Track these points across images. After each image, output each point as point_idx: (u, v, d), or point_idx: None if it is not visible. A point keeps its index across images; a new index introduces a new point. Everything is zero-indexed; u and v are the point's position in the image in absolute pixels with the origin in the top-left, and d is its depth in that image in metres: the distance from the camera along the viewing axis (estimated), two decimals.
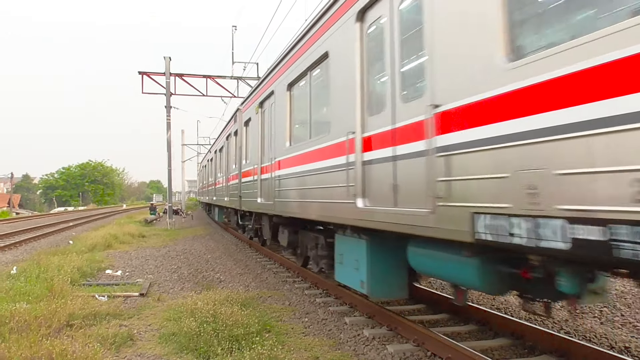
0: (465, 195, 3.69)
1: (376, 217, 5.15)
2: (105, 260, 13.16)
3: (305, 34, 7.82)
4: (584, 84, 2.72)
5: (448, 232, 3.87)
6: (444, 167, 3.91)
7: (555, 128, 2.90)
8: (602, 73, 2.61)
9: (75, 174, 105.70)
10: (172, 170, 27.00)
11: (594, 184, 2.65)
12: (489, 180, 3.45)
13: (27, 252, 16.06)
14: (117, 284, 9.67)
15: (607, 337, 5.94)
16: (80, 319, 6.55)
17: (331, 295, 8.43)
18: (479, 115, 3.56)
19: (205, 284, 9.74)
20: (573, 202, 2.77)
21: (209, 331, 5.83)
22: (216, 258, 13.85)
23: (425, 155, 4.15)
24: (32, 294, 7.69)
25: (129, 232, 21.19)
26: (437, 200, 3.98)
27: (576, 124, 2.76)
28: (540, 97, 3.02)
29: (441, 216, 3.94)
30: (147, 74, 25.58)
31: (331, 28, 6.47)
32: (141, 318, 7.12)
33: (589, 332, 6.12)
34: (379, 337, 6.07)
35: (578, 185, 2.75)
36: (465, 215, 3.65)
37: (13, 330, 5.69)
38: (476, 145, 3.57)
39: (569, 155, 2.81)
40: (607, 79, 2.58)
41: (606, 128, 2.58)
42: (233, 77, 26.29)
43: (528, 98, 3.11)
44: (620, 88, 2.51)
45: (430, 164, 4.07)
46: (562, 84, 2.88)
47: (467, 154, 3.68)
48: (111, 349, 5.49)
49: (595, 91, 2.64)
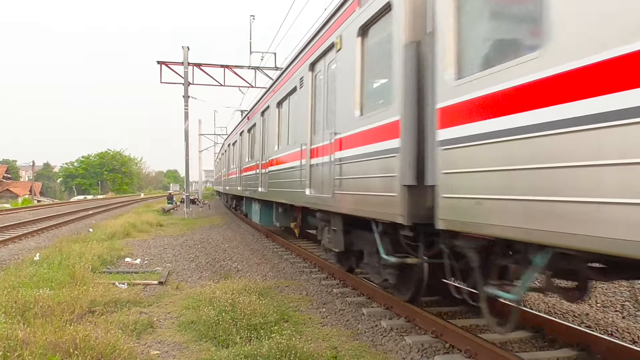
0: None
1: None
2: (125, 248, 13.35)
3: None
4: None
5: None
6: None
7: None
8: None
9: (94, 163, 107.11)
10: (189, 160, 27.23)
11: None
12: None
13: (49, 239, 16.36)
14: (136, 272, 9.81)
15: (629, 332, 5.85)
16: (101, 305, 6.66)
17: (348, 286, 8.43)
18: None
19: (223, 273, 9.82)
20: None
21: (227, 320, 5.89)
22: (233, 247, 13.96)
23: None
24: (55, 281, 7.83)
25: (147, 220, 21.45)
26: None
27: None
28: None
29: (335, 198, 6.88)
30: (165, 64, 25.73)
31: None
32: (160, 306, 7.22)
33: (611, 326, 6.04)
34: (396, 328, 6.07)
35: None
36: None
37: (37, 315, 5.80)
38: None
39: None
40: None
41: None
42: (251, 67, 26.29)
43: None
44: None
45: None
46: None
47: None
48: (132, 335, 5.57)
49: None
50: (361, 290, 7.93)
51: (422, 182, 4.88)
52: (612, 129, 2.74)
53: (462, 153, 4.13)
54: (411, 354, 5.25)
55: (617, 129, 2.71)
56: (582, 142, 2.93)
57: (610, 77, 2.76)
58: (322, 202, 7.78)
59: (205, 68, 26.40)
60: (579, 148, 2.96)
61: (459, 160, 4.20)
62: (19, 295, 6.51)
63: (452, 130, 4.29)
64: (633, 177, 2.63)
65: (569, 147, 3.04)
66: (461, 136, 4.14)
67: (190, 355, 5.14)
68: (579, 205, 2.97)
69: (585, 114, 2.90)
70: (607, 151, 2.77)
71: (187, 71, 25.74)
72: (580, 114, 2.94)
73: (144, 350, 5.27)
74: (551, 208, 3.18)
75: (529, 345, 5.41)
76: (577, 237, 2.98)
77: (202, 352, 5.23)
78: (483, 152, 3.87)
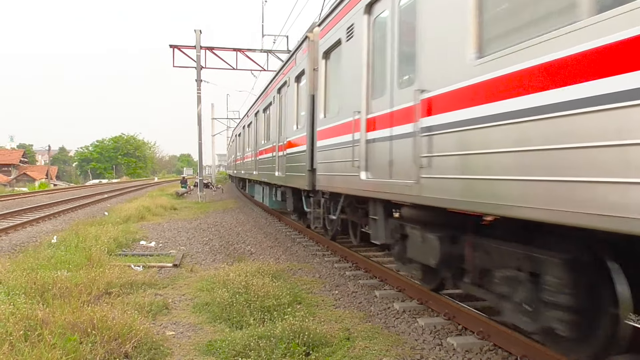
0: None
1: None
2: (139, 231, 13.52)
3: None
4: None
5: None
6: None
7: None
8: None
9: (108, 147, 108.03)
10: (202, 144, 27.32)
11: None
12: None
13: (66, 222, 16.62)
14: (151, 255, 9.93)
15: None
16: (117, 287, 6.77)
17: (361, 268, 8.47)
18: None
19: (237, 256, 9.92)
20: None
21: (241, 302, 5.96)
22: (247, 231, 14.06)
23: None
24: (72, 263, 7.97)
25: (161, 204, 21.66)
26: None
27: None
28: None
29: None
30: (178, 47, 25.69)
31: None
32: (175, 288, 7.32)
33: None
34: (409, 311, 6.10)
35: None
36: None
37: (56, 296, 5.92)
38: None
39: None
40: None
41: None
42: (263, 50, 26.18)
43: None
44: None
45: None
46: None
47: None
48: (148, 316, 5.67)
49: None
50: (374, 273, 7.96)
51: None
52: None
53: (323, 154, 9.10)
54: (424, 335, 5.28)
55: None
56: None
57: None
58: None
59: (217, 52, 26.32)
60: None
61: (320, 159, 9.28)
62: (38, 276, 6.64)
63: (320, 142, 9.27)
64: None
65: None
66: (323, 145, 9.07)
67: (205, 336, 5.22)
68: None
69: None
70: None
71: (200, 55, 25.68)
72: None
73: (159, 330, 5.36)
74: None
75: None
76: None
77: (217, 333, 5.31)
78: (329, 154, 8.67)
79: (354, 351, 4.73)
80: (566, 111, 3.14)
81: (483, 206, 4.11)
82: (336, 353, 4.64)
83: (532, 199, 3.45)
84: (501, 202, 3.83)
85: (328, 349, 4.73)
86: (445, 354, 4.79)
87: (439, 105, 4.75)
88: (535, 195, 3.42)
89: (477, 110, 4.12)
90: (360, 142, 6.93)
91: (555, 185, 3.24)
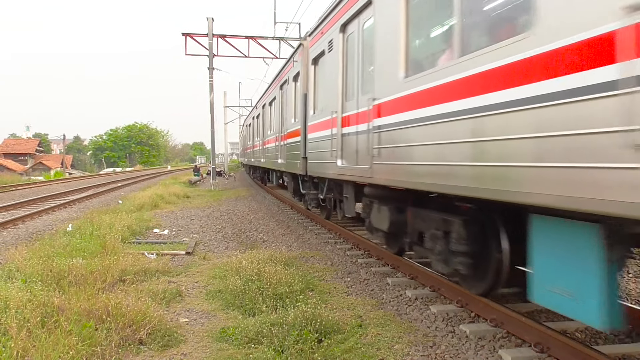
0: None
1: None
2: (153, 219, 13.63)
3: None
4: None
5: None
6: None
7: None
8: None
9: (122, 136, 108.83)
10: (215, 132, 27.39)
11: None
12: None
13: (81, 210, 16.81)
14: (164, 243, 10.02)
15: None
16: (131, 274, 6.84)
17: (373, 256, 8.47)
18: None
19: (249, 244, 9.97)
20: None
21: (253, 289, 5.99)
22: (259, 219, 14.11)
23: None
24: (87, 250, 8.06)
25: (174, 192, 21.78)
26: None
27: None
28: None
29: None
30: (190, 36, 25.69)
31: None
32: (188, 275, 7.38)
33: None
34: (421, 298, 6.09)
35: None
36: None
37: (71, 283, 6.00)
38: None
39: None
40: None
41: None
42: (275, 37, 26.06)
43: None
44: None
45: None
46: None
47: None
48: (162, 303, 5.73)
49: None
50: (386, 260, 7.95)
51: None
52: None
53: (312, 145, 10.60)
54: (436, 322, 5.27)
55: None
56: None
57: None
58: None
59: (229, 39, 26.28)
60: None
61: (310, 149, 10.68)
62: (54, 264, 6.73)
63: (310, 135, 10.79)
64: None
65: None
66: (312, 137, 10.58)
67: (218, 323, 5.27)
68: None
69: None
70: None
71: (212, 43, 25.67)
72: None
73: (173, 317, 5.42)
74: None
75: (556, 314, 5.35)
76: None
77: (229, 320, 5.35)
78: (316, 145, 10.10)
79: (366, 338, 4.74)
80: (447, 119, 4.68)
81: (405, 183, 5.75)
82: (348, 340, 4.64)
83: (434, 177, 4.97)
84: (418, 180, 5.39)
85: (340, 336, 4.74)
86: (458, 341, 4.78)
87: (384, 110, 6.37)
88: (434, 174, 4.95)
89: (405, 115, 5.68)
90: (337, 136, 8.55)
91: (440, 168, 4.81)
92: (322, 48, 9.86)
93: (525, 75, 3.56)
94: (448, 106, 4.65)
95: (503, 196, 3.85)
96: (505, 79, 3.81)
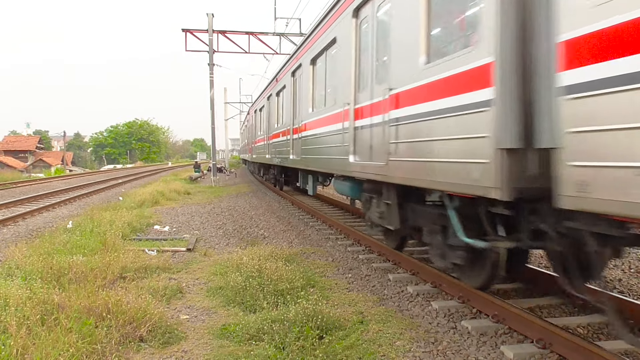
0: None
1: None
2: (153, 216, 13.61)
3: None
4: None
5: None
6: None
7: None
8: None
9: (122, 132, 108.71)
10: (215, 129, 27.33)
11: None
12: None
13: (81, 207, 16.80)
14: (165, 239, 10.00)
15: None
16: (132, 271, 6.82)
17: (374, 252, 8.44)
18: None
19: (250, 240, 9.95)
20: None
21: (254, 285, 5.97)
22: (260, 215, 14.09)
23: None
24: (87, 247, 8.05)
25: (174, 189, 21.77)
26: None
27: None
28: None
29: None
30: (190, 31, 25.62)
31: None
32: (189, 272, 7.36)
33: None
34: (423, 294, 6.07)
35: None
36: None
37: (72, 280, 5.99)
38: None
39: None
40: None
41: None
42: (275, 33, 25.98)
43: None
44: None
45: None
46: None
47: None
48: (162, 300, 5.71)
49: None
50: (387, 256, 7.93)
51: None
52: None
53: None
54: (437, 319, 5.25)
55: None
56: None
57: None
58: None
59: (230, 35, 26.20)
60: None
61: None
62: (54, 261, 6.72)
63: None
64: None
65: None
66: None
67: (219, 320, 5.25)
68: None
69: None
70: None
71: (212, 39, 25.58)
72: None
73: (173, 314, 5.40)
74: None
75: (558, 310, 5.34)
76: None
77: (230, 316, 5.34)
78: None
79: (367, 334, 4.72)
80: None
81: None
82: (350, 336, 4.63)
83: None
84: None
85: (342, 333, 4.72)
86: (459, 337, 4.76)
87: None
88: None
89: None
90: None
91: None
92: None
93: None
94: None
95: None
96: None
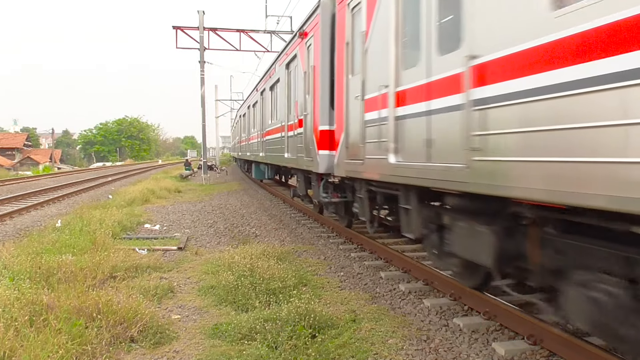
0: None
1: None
2: (144, 214, 13.52)
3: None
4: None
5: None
6: None
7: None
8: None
9: (112, 130, 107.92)
10: (206, 126, 27.23)
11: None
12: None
13: (70, 205, 16.64)
14: (155, 238, 9.94)
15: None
16: (122, 271, 6.76)
17: (366, 250, 8.45)
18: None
19: (242, 239, 9.91)
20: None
21: (246, 284, 5.95)
22: (251, 213, 14.05)
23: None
24: (77, 246, 7.96)
25: (165, 187, 21.65)
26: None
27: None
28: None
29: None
30: (181, 29, 25.49)
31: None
32: (180, 271, 7.32)
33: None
34: (415, 292, 6.08)
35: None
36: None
37: (61, 280, 5.92)
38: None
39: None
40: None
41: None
42: (266, 31, 25.92)
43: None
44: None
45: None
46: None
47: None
48: (153, 300, 5.67)
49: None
50: (379, 254, 7.93)
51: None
52: None
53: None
54: (429, 316, 5.26)
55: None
56: None
57: None
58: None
59: (221, 33, 26.10)
60: None
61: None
62: (43, 261, 6.63)
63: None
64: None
65: None
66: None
67: (211, 319, 5.22)
68: None
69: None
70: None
71: (203, 36, 25.46)
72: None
73: (165, 314, 5.36)
74: None
75: None
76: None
77: (222, 316, 5.30)
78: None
79: (360, 333, 4.72)
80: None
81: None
82: (342, 335, 4.62)
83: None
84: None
85: (334, 331, 4.71)
86: (451, 334, 4.77)
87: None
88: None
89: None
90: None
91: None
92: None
93: None
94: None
95: None
96: None
